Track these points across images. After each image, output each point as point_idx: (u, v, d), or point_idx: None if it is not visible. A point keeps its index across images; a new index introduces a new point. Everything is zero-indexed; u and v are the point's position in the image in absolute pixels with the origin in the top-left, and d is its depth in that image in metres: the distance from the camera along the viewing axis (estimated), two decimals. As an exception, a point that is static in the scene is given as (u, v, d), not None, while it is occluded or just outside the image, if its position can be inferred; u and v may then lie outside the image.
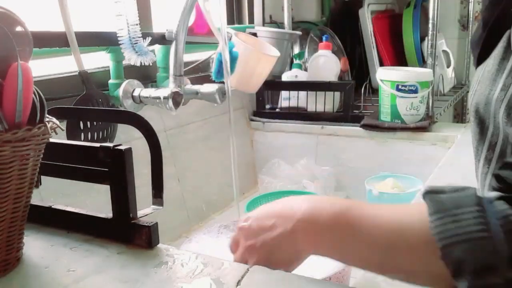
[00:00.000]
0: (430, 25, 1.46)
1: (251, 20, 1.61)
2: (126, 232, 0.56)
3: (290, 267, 0.50)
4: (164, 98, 0.96)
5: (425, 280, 0.41)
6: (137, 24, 0.97)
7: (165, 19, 1.20)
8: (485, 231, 0.36)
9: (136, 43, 0.97)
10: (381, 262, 0.43)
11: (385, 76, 1.33)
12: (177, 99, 0.98)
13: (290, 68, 1.56)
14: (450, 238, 0.37)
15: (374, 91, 1.55)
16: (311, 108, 1.43)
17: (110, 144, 0.55)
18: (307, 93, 1.43)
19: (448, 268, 0.38)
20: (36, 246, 0.57)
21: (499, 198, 0.38)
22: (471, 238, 0.36)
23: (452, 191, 0.40)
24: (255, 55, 1.15)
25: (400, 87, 1.28)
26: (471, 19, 2.11)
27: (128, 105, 0.99)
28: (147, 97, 0.98)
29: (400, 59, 1.87)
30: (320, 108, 1.42)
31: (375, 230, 0.43)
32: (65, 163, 0.59)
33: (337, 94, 1.42)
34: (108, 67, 1.01)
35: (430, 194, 0.41)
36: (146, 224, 0.55)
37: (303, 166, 1.34)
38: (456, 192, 0.40)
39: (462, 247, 0.37)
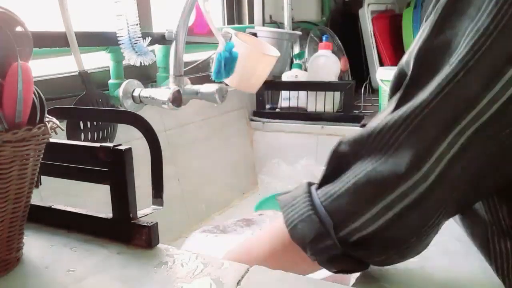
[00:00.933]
0: (430, 25, 1.45)
1: (251, 20, 1.61)
2: (126, 232, 0.56)
3: None
4: (164, 98, 0.97)
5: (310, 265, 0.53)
6: (137, 24, 0.97)
7: (165, 19, 1.20)
8: (311, 209, 0.49)
9: (136, 43, 0.97)
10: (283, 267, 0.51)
11: (385, 76, 1.33)
12: (177, 99, 0.98)
13: (290, 68, 1.56)
14: (292, 222, 0.50)
15: (374, 91, 1.56)
16: (311, 108, 1.43)
17: (110, 144, 0.55)
18: (307, 93, 1.44)
19: (298, 245, 0.50)
20: (36, 246, 0.57)
21: (323, 182, 0.50)
22: (304, 217, 0.49)
23: (294, 189, 0.53)
24: (255, 55, 1.15)
25: (400, 87, 1.27)
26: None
27: (128, 105, 0.99)
28: (147, 97, 0.98)
29: (400, 59, 1.87)
30: (320, 108, 1.42)
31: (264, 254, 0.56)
32: (65, 163, 0.59)
33: (337, 94, 1.42)
34: (108, 67, 1.01)
35: (280, 196, 0.54)
36: (146, 224, 0.55)
37: (303, 166, 1.34)
38: (295, 189, 0.53)
39: (300, 225, 0.49)
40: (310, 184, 0.52)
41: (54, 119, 0.52)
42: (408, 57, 0.49)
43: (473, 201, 0.51)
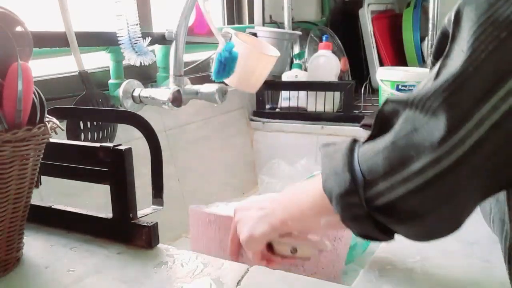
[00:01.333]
0: (430, 25, 1.46)
1: (251, 20, 1.61)
2: (126, 232, 0.56)
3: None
4: (164, 98, 0.97)
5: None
6: (137, 24, 0.97)
7: (165, 19, 1.20)
8: (347, 164, 0.47)
9: (136, 43, 0.97)
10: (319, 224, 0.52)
11: (385, 76, 1.33)
12: (177, 99, 0.98)
13: (290, 68, 1.56)
14: (326, 174, 0.50)
15: (374, 91, 1.56)
16: (311, 108, 1.43)
17: (110, 144, 0.55)
18: (307, 93, 1.43)
19: (327, 196, 0.49)
20: (36, 246, 0.57)
21: (368, 139, 0.48)
22: (338, 171, 0.48)
23: (339, 142, 0.52)
24: (255, 55, 1.15)
25: (400, 87, 1.28)
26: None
27: (128, 105, 0.99)
28: (147, 97, 0.98)
29: (400, 59, 1.87)
30: (320, 108, 1.42)
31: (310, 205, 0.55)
32: (65, 163, 0.59)
33: (337, 94, 1.42)
34: (108, 67, 1.01)
35: (323, 146, 0.54)
36: (146, 224, 0.55)
37: (303, 166, 1.34)
38: (341, 142, 0.51)
39: (332, 179, 0.49)
40: (355, 141, 0.50)
41: (54, 119, 0.52)
42: (449, 14, 0.46)
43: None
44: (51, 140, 0.51)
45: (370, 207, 0.46)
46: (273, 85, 1.50)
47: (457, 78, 0.42)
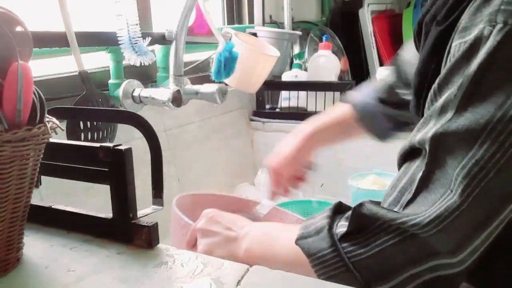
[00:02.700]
0: (430, 25, 1.45)
1: (251, 20, 1.61)
2: (126, 232, 0.56)
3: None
4: (164, 98, 0.97)
5: None
6: (137, 24, 0.97)
7: (165, 19, 1.20)
8: (344, 267, 0.49)
9: (136, 43, 0.97)
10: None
11: (385, 76, 1.32)
12: (177, 99, 0.98)
13: (290, 68, 1.56)
14: (325, 275, 0.51)
15: (374, 91, 1.55)
16: (311, 108, 1.43)
17: (110, 144, 0.55)
18: (307, 93, 1.43)
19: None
20: (36, 246, 0.57)
21: (345, 236, 0.50)
22: (337, 274, 0.50)
23: (314, 234, 0.53)
24: (255, 55, 1.15)
25: (400, 87, 1.27)
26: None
27: (128, 105, 0.99)
28: (147, 97, 0.98)
29: (400, 59, 1.87)
30: (320, 108, 1.41)
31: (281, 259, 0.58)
32: (65, 163, 0.59)
33: (337, 94, 1.42)
34: (108, 67, 1.01)
35: (300, 241, 0.54)
36: (146, 224, 0.55)
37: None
38: (317, 239, 0.52)
39: (334, 280, 0.50)
40: (330, 229, 0.52)
41: (54, 119, 0.52)
42: (423, 137, 0.47)
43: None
44: (51, 140, 0.51)
45: None
46: (273, 85, 1.50)
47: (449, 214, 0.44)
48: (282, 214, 0.90)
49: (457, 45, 0.46)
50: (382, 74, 1.33)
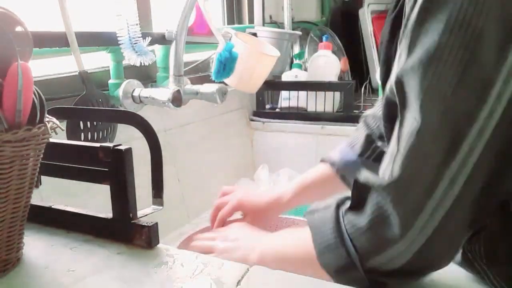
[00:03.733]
0: (430, 25, 1.45)
1: (251, 20, 1.61)
2: (126, 232, 0.56)
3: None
4: (164, 98, 0.96)
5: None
6: (137, 24, 0.97)
7: (165, 19, 1.20)
8: (339, 239, 0.52)
9: (136, 43, 0.97)
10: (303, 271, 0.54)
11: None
12: (177, 99, 0.98)
13: (290, 68, 1.56)
14: (320, 249, 0.54)
15: (374, 91, 1.56)
16: (311, 108, 1.43)
17: (110, 144, 0.55)
18: (307, 93, 1.43)
19: (325, 271, 0.53)
20: (36, 246, 0.57)
21: (350, 209, 0.53)
22: (332, 247, 0.52)
23: (322, 208, 0.57)
24: (255, 55, 1.15)
25: (400, 87, 1.27)
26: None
27: (128, 105, 0.99)
28: (147, 97, 0.98)
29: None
30: (320, 108, 1.42)
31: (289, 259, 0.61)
32: (65, 163, 0.59)
33: (337, 94, 1.42)
34: (108, 67, 1.01)
35: (308, 215, 0.58)
36: (146, 224, 0.55)
37: (303, 166, 1.34)
38: (324, 210, 0.56)
39: (327, 254, 0.53)
40: (338, 206, 0.55)
41: (54, 119, 0.52)
42: (390, 84, 0.51)
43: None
44: (51, 140, 0.51)
45: (371, 275, 0.51)
46: (273, 85, 1.50)
47: (416, 154, 0.47)
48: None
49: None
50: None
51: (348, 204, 0.54)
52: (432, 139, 0.46)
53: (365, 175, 0.52)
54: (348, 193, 0.55)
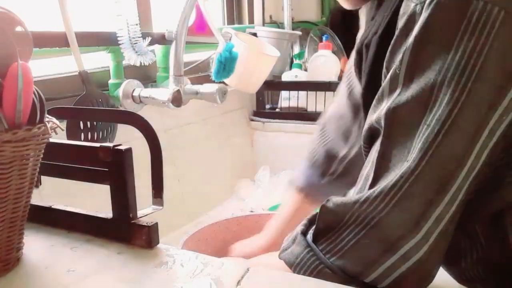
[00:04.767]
0: (430, 25, 1.45)
1: (251, 20, 1.61)
2: (126, 232, 0.56)
3: None
4: (164, 98, 0.97)
5: None
6: (137, 24, 0.97)
7: (165, 19, 1.20)
8: (323, 264, 0.50)
9: (136, 43, 0.97)
10: None
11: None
12: (177, 99, 0.98)
13: (290, 68, 1.56)
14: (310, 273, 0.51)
15: (374, 91, 1.55)
16: (311, 108, 1.43)
17: (110, 144, 0.55)
18: (307, 93, 1.43)
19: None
20: (36, 246, 0.57)
21: (319, 235, 0.52)
22: (320, 274, 0.50)
23: (288, 243, 0.55)
24: (255, 55, 1.15)
25: (400, 87, 1.27)
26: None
27: (128, 105, 0.99)
28: (147, 97, 0.98)
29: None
30: (320, 108, 1.41)
31: None
32: (65, 163, 0.59)
33: (337, 94, 1.42)
34: (108, 67, 1.01)
35: (281, 255, 0.56)
36: (146, 224, 0.55)
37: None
38: (293, 245, 0.54)
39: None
40: (303, 234, 0.54)
41: (54, 119, 0.52)
42: (378, 115, 0.49)
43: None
44: (51, 140, 0.51)
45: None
46: (273, 85, 1.50)
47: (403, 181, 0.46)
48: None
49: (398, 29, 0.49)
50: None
51: (312, 230, 0.53)
52: (419, 181, 0.45)
53: (334, 201, 0.51)
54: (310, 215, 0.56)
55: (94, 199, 0.81)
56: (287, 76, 1.52)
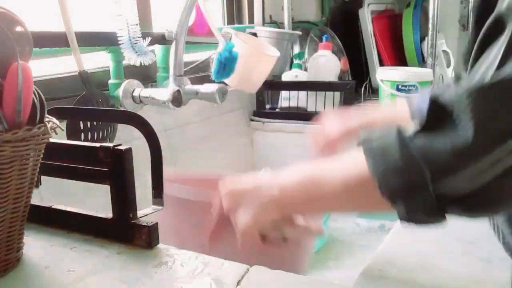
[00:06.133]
0: (430, 25, 1.46)
1: (251, 20, 1.61)
2: (126, 232, 0.56)
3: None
4: (164, 98, 0.97)
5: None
6: (137, 24, 0.97)
7: (165, 19, 1.20)
8: (408, 163, 0.43)
9: (136, 43, 0.97)
10: (342, 207, 0.52)
11: (385, 76, 1.32)
12: (177, 99, 0.98)
13: (290, 68, 1.56)
14: (381, 175, 0.45)
15: (374, 91, 1.56)
16: (311, 108, 1.43)
17: (110, 144, 0.55)
18: (307, 93, 1.43)
19: (384, 196, 0.45)
20: (36, 246, 0.57)
21: (419, 131, 0.44)
22: (397, 170, 0.44)
23: (380, 133, 0.47)
24: (255, 55, 1.15)
25: (400, 87, 1.28)
26: (471, 19, 2.10)
27: (128, 105, 0.99)
28: (147, 97, 0.98)
29: (400, 59, 1.87)
30: (320, 108, 1.41)
31: (335, 187, 0.50)
32: (65, 163, 0.59)
33: (337, 94, 1.42)
34: (108, 67, 1.01)
35: (363, 138, 0.48)
36: (146, 224, 0.55)
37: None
38: (383, 135, 0.47)
39: (391, 178, 0.44)
40: (402, 131, 0.46)
41: (54, 119, 0.52)
42: (509, 2, 0.43)
43: None
44: (51, 140, 0.51)
45: (441, 202, 0.43)
46: (273, 85, 1.50)
47: None
48: None
49: None
50: (381, 75, 1.33)
51: (412, 130, 0.45)
52: None
53: (449, 92, 0.43)
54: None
55: (94, 199, 0.81)
56: (287, 76, 1.52)
